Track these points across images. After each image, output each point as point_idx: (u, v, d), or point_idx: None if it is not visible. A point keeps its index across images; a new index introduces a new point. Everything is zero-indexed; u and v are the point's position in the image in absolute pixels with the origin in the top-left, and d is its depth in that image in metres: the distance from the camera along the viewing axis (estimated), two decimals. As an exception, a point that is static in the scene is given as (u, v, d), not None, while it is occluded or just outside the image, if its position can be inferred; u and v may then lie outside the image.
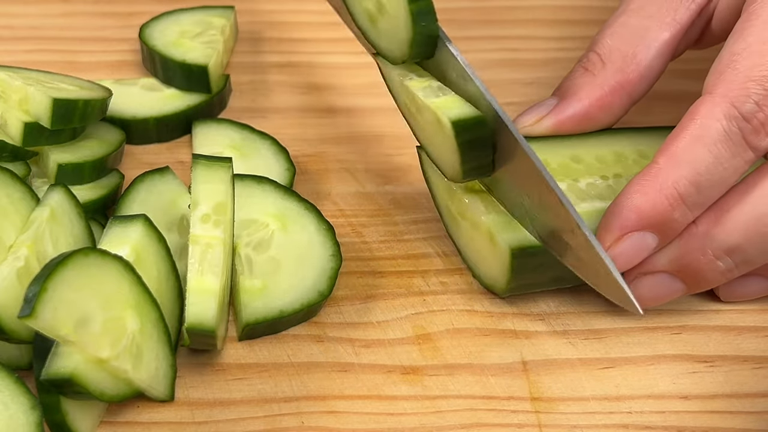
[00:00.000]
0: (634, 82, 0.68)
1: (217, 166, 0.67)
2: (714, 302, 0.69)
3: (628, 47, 0.69)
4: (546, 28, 0.88)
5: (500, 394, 0.64)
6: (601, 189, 0.67)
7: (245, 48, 0.85)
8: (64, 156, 0.69)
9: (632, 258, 0.63)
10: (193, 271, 0.62)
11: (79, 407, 0.59)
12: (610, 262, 0.61)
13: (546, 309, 0.68)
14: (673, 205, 0.62)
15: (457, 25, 0.87)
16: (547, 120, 0.69)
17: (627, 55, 0.68)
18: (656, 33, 0.69)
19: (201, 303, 0.61)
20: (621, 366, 0.65)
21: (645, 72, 0.69)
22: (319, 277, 0.66)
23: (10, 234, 0.62)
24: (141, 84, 0.79)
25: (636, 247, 0.63)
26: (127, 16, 0.86)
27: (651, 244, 0.63)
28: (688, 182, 0.62)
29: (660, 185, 0.62)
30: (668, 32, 0.69)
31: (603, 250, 0.61)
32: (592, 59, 0.70)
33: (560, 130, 0.69)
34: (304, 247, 0.67)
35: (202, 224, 0.64)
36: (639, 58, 0.68)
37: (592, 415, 0.63)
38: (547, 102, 0.70)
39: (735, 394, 0.64)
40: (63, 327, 0.56)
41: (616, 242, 0.63)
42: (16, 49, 0.83)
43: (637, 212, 0.62)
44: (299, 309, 0.65)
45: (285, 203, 0.68)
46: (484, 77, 0.83)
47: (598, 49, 0.70)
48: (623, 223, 0.62)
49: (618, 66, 0.68)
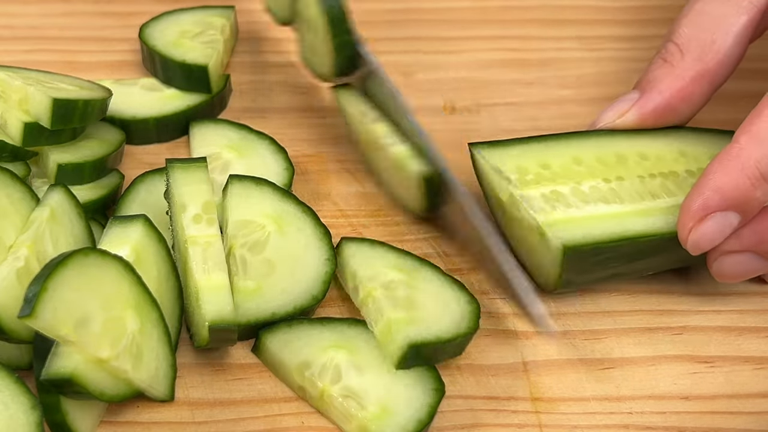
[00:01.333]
0: (714, 71, 0.68)
1: (193, 167, 0.67)
2: (715, 303, 0.69)
3: (706, 35, 0.68)
4: (546, 27, 0.88)
5: (501, 395, 0.63)
6: (604, 192, 0.67)
7: (245, 48, 0.84)
8: (64, 156, 0.69)
9: (715, 237, 0.63)
10: (200, 271, 0.63)
11: (79, 407, 0.59)
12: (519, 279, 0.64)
13: (547, 310, 0.68)
14: (755, 184, 0.62)
15: (457, 25, 0.87)
16: (630, 115, 0.69)
17: (705, 43, 0.68)
18: (734, 18, 0.68)
19: (216, 300, 0.62)
20: (622, 366, 0.65)
21: (724, 59, 0.68)
22: (313, 281, 0.66)
23: (10, 234, 0.62)
24: (141, 84, 0.79)
25: (719, 227, 0.63)
26: (127, 16, 0.86)
27: (733, 223, 0.63)
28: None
29: (742, 165, 0.62)
30: (746, 16, 0.68)
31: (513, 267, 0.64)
32: (671, 49, 0.69)
33: (643, 124, 0.69)
34: (299, 250, 0.67)
35: (195, 225, 0.64)
36: (718, 45, 0.68)
37: (593, 415, 0.63)
38: (629, 96, 0.70)
39: (736, 394, 0.64)
40: (63, 327, 0.56)
41: (699, 222, 0.63)
42: (16, 49, 0.82)
43: (720, 192, 0.62)
44: (292, 312, 0.65)
45: (282, 205, 0.68)
46: (485, 77, 0.83)
47: (676, 39, 0.69)
48: (706, 203, 0.62)
49: (697, 55, 0.68)
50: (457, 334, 0.63)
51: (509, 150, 0.68)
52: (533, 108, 0.81)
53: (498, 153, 0.68)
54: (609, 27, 0.88)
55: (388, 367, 0.62)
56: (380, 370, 0.62)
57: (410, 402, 0.61)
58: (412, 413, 0.60)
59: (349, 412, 0.60)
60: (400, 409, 0.61)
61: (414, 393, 0.61)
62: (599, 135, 0.70)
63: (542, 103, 0.81)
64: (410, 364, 0.62)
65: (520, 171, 0.67)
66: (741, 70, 0.70)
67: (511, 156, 0.68)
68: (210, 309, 0.61)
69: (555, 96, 0.82)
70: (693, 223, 0.63)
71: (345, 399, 0.61)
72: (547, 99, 0.82)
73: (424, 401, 0.61)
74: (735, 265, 0.65)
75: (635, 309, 0.68)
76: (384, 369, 0.62)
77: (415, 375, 0.62)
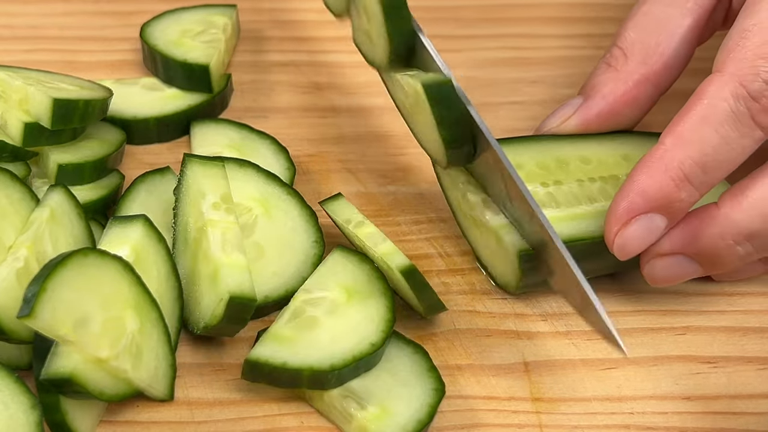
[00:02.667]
0: (659, 73, 0.68)
1: (211, 164, 0.67)
2: (719, 303, 0.68)
3: (651, 37, 0.68)
4: (550, 25, 0.87)
5: (501, 395, 0.63)
6: (540, 196, 0.67)
7: (247, 47, 0.84)
8: (64, 156, 0.69)
9: (642, 241, 0.63)
10: (219, 251, 0.63)
11: (78, 407, 0.59)
12: (590, 290, 0.60)
13: (548, 310, 0.68)
14: (679, 185, 0.61)
15: (461, 24, 0.87)
16: (573, 120, 0.69)
17: (650, 46, 0.68)
18: (678, 20, 0.68)
19: (237, 274, 0.62)
20: (623, 367, 0.65)
21: (670, 61, 0.68)
22: (303, 263, 0.66)
23: (10, 235, 0.62)
24: (142, 84, 0.79)
25: (644, 230, 0.62)
26: (127, 15, 0.86)
27: (660, 226, 0.63)
28: (694, 162, 0.61)
29: (666, 166, 0.61)
30: (691, 17, 0.68)
31: (582, 277, 0.60)
32: (615, 54, 0.69)
33: (587, 129, 0.69)
34: (287, 233, 0.67)
35: (215, 211, 0.65)
36: (662, 47, 0.68)
37: (594, 415, 0.62)
38: (573, 102, 0.70)
39: (738, 395, 0.64)
40: (62, 327, 0.56)
41: (625, 226, 0.62)
42: (16, 48, 0.83)
43: (644, 194, 0.62)
44: (284, 295, 0.65)
45: (267, 188, 0.68)
46: (488, 76, 0.83)
47: (620, 43, 0.69)
48: (630, 206, 0.62)
49: (641, 58, 0.68)
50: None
51: None
52: (537, 107, 0.80)
53: None
54: (615, 24, 0.87)
55: (389, 367, 0.62)
56: (380, 371, 0.62)
57: (410, 402, 0.61)
58: (411, 413, 0.60)
59: (349, 412, 0.60)
60: (399, 410, 0.60)
61: (414, 393, 0.61)
62: (542, 140, 0.70)
63: (546, 102, 0.81)
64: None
65: None
66: (693, 69, 0.70)
67: None
68: (231, 282, 0.62)
69: (560, 95, 0.81)
70: (618, 226, 0.62)
71: (345, 399, 0.61)
72: (551, 98, 0.81)
73: (423, 401, 0.61)
74: (666, 269, 0.64)
75: (638, 309, 0.68)
76: (384, 369, 0.62)
77: (415, 375, 0.62)
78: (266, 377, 0.61)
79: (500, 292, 0.69)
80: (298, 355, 0.61)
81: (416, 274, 0.63)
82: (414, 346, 0.63)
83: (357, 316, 0.63)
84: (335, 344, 0.61)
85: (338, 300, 0.64)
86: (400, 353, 0.63)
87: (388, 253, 0.64)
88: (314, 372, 0.60)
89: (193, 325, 0.64)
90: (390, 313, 0.63)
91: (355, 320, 0.62)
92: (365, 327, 0.62)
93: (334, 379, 0.60)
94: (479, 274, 0.70)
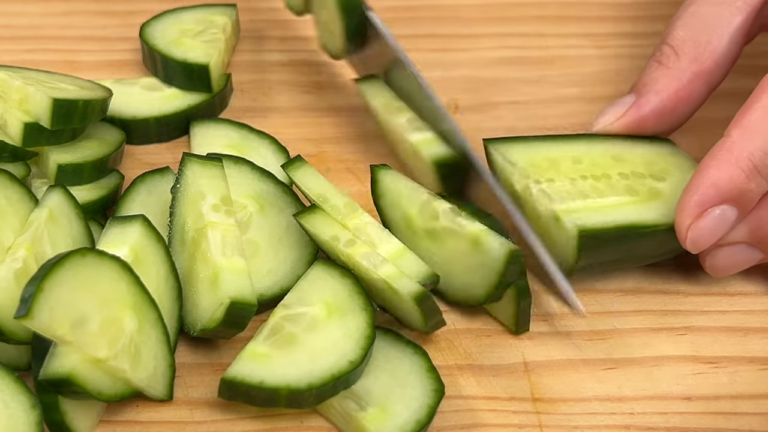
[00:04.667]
0: (711, 70, 0.68)
1: (210, 164, 0.67)
2: (721, 303, 0.68)
3: (701, 35, 0.68)
4: (551, 25, 0.87)
5: (501, 395, 0.63)
6: (601, 187, 0.68)
7: (247, 47, 0.84)
8: (64, 156, 0.69)
9: (715, 233, 0.63)
10: (219, 254, 0.63)
11: (78, 406, 0.59)
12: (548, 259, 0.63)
13: (549, 310, 0.68)
14: (749, 176, 0.62)
15: (461, 23, 0.87)
16: (626, 118, 0.69)
17: (701, 44, 0.68)
18: (728, 18, 0.68)
19: (237, 279, 0.62)
20: (624, 367, 0.64)
21: (720, 59, 0.68)
22: (297, 261, 0.66)
23: (9, 236, 0.62)
24: (141, 84, 0.78)
25: (718, 222, 0.63)
26: (127, 15, 0.86)
27: (731, 217, 0.63)
28: (762, 153, 0.62)
29: (735, 158, 0.62)
30: (740, 16, 0.68)
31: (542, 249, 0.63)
32: (666, 52, 0.69)
33: (641, 127, 0.69)
34: (282, 230, 0.67)
35: (215, 212, 0.65)
36: (713, 45, 0.68)
37: (594, 416, 0.62)
38: (624, 100, 0.70)
39: (740, 395, 0.63)
40: (59, 327, 0.56)
41: (698, 219, 0.63)
42: (16, 48, 0.83)
43: (715, 187, 0.62)
44: (279, 293, 0.65)
45: (262, 185, 0.68)
46: (489, 76, 0.83)
47: (671, 41, 0.69)
48: (702, 199, 0.63)
49: (692, 56, 0.68)
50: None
51: (518, 146, 0.70)
52: (538, 106, 0.80)
53: (511, 148, 0.69)
54: (615, 24, 0.87)
55: (389, 368, 0.62)
56: (380, 371, 0.62)
57: (409, 403, 0.60)
58: (411, 414, 0.60)
59: (348, 412, 0.60)
60: (399, 410, 0.60)
61: (414, 393, 0.61)
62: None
63: (546, 101, 0.81)
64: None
65: (533, 165, 0.68)
66: (736, 67, 0.70)
67: (519, 151, 0.69)
68: (232, 287, 0.62)
69: (560, 94, 0.81)
70: (691, 220, 0.63)
71: (344, 399, 0.60)
72: (551, 97, 0.81)
73: (423, 402, 0.60)
74: (728, 258, 0.65)
75: (639, 309, 0.68)
76: (384, 370, 0.62)
77: (415, 376, 0.62)
78: (243, 396, 0.60)
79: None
80: (275, 373, 0.60)
81: (429, 299, 0.62)
82: (414, 347, 0.63)
83: (336, 332, 0.62)
84: (314, 362, 0.60)
85: (318, 316, 0.63)
86: (400, 354, 0.63)
87: (392, 276, 0.62)
88: (292, 391, 0.59)
89: (190, 327, 0.64)
90: (370, 329, 0.62)
91: (335, 337, 0.61)
92: (344, 344, 0.61)
93: (312, 398, 0.60)
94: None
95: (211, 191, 0.66)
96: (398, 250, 0.64)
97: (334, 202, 0.66)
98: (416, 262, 0.64)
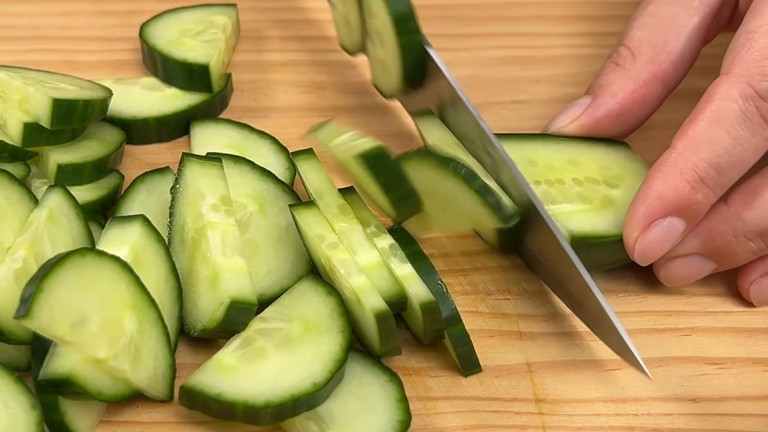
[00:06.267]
0: (668, 71, 0.68)
1: (209, 164, 0.67)
2: (726, 304, 0.68)
3: (658, 36, 0.68)
4: (553, 24, 0.87)
5: (504, 396, 0.63)
6: None
7: (247, 46, 0.84)
8: (64, 156, 0.69)
9: (663, 245, 0.63)
10: (219, 254, 0.63)
11: (78, 407, 0.59)
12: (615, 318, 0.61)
13: (552, 310, 0.67)
14: (695, 187, 0.62)
15: (463, 23, 0.87)
16: (582, 119, 0.69)
17: (657, 45, 0.68)
18: (685, 19, 0.68)
19: (238, 279, 0.62)
20: (628, 368, 0.64)
21: (677, 60, 0.68)
22: (297, 260, 0.66)
23: (9, 236, 0.62)
24: (141, 83, 0.78)
25: (665, 234, 0.63)
26: (127, 15, 0.85)
27: (679, 229, 0.63)
28: (707, 164, 0.62)
29: (680, 170, 0.62)
30: (697, 17, 0.68)
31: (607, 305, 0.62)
32: (622, 53, 0.69)
33: (597, 129, 0.69)
34: (281, 230, 0.67)
35: (214, 212, 0.65)
36: (670, 46, 0.68)
37: (597, 417, 0.62)
38: (580, 101, 0.69)
39: (745, 396, 0.63)
40: (59, 327, 0.56)
41: (645, 231, 0.63)
42: (16, 48, 0.82)
43: (661, 199, 0.62)
44: (278, 293, 0.65)
45: (262, 184, 0.68)
46: (492, 75, 0.83)
47: (628, 42, 0.69)
48: (648, 211, 0.62)
49: (649, 57, 0.68)
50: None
51: None
52: (541, 106, 0.80)
53: None
54: (619, 23, 0.87)
55: (359, 393, 0.61)
56: (349, 395, 0.61)
57: (372, 431, 0.59)
58: None
59: None
60: None
61: (378, 422, 0.59)
62: (550, 139, 0.69)
63: (550, 101, 0.81)
64: None
65: None
66: (699, 67, 0.70)
67: None
68: (232, 287, 0.62)
69: (564, 94, 0.81)
70: (638, 232, 0.63)
71: (307, 420, 0.59)
72: (555, 97, 0.81)
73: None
74: (682, 268, 0.65)
75: (643, 310, 0.68)
76: (354, 395, 0.61)
77: (384, 404, 0.60)
78: (201, 406, 0.59)
79: (503, 292, 0.68)
80: (235, 387, 0.58)
81: (389, 320, 0.60)
82: (390, 374, 0.62)
83: (307, 352, 0.60)
84: (276, 380, 0.59)
85: (292, 333, 0.61)
86: (374, 380, 0.61)
87: (362, 288, 0.61)
88: (248, 407, 0.58)
89: (190, 327, 0.63)
90: (342, 353, 0.60)
91: (305, 356, 0.60)
92: (312, 365, 0.59)
93: (269, 416, 0.58)
94: (481, 274, 0.69)
95: (210, 191, 0.66)
96: (376, 263, 0.62)
97: (329, 200, 0.65)
98: (390, 279, 0.62)
